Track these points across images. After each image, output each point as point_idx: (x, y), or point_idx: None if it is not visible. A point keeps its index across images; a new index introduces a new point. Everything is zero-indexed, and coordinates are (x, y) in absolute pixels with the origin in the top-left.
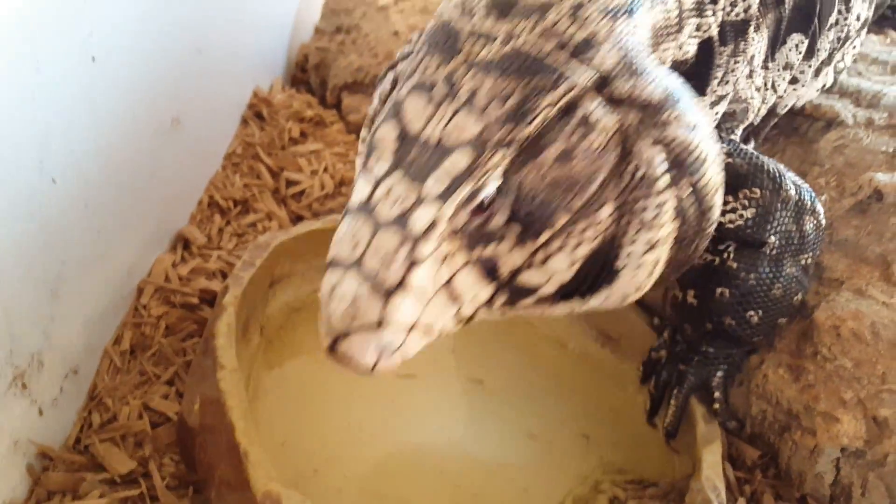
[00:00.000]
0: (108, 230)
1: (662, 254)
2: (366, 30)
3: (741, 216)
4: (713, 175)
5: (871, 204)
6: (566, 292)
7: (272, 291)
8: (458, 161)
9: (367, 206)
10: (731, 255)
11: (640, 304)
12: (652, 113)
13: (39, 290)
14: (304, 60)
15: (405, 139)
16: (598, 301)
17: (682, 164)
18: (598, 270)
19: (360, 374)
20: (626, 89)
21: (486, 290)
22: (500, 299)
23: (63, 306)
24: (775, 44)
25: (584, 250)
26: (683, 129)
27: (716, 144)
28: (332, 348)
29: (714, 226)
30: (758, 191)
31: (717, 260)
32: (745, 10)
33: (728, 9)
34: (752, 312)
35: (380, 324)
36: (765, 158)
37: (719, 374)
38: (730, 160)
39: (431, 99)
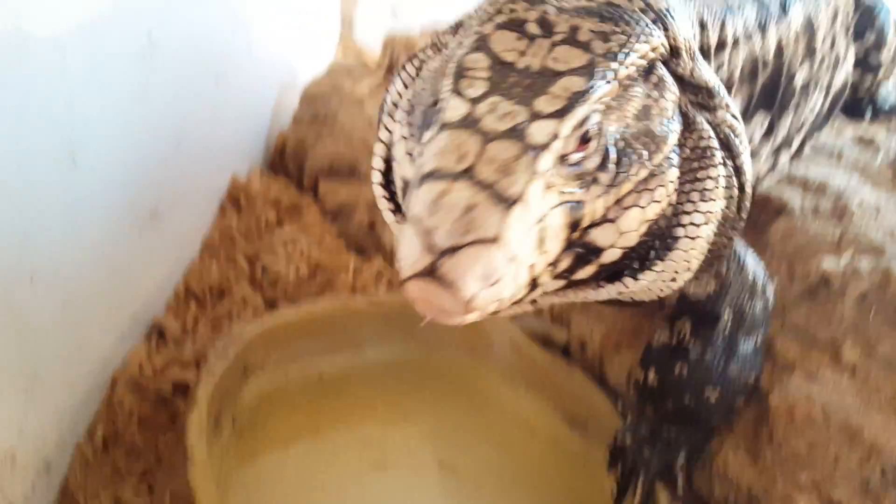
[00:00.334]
0: (84, 324)
1: (712, 231)
2: (342, 119)
3: (704, 289)
4: (748, 161)
5: (819, 289)
6: (616, 271)
7: (245, 382)
8: (571, 84)
9: (468, 121)
10: (688, 333)
11: (605, 386)
12: (706, 96)
13: (14, 387)
14: (282, 147)
15: (499, 67)
16: (649, 279)
17: (729, 146)
18: (648, 249)
19: (448, 311)
20: (688, 69)
21: (561, 242)
22: (565, 262)
23: (37, 402)
24: (744, 116)
25: (655, 210)
26: (730, 115)
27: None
28: (431, 271)
29: (746, 213)
30: (722, 268)
31: (675, 339)
32: (729, 76)
33: (716, 69)
34: (709, 390)
35: (496, 239)
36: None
37: (682, 458)
38: None
39: (525, 34)
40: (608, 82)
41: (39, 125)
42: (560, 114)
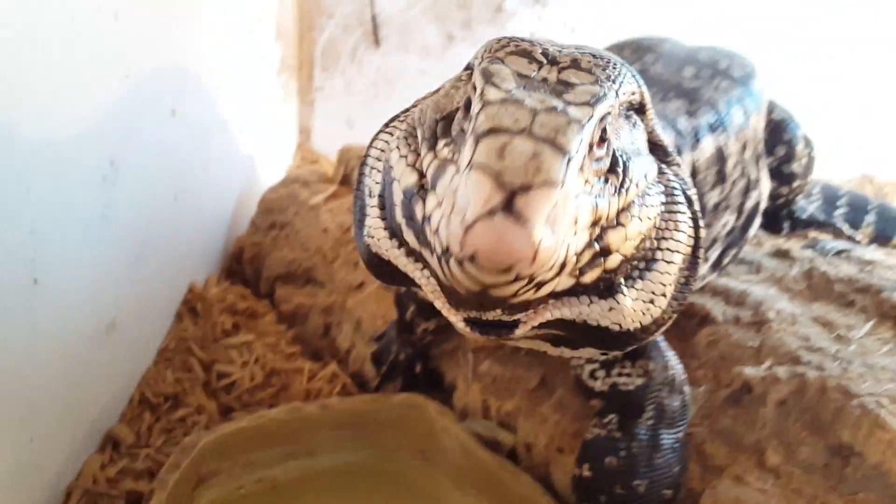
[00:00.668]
0: (40, 439)
1: (681, 260)
2: (298, 226)
3: (633, 382)
4: (700, 213)
5: (742, 396)
6: (608, 286)
7: (198, 492)
8: (588, 90)
9: (511, 98)
10: (616, 427)
11: (551, 489)
12: (663, 154)
13: None
14: (239, 253)
15: (520, 77)
16: (632, 297)
17: (686, 195)
18: (633, 268)
19: (517, 254)
20: (651, 125)
21: (586, 231)
22: (586, 255)
23: None
24: None
25: (648, 225)
26: (683, 172)
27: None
28: (504, 207)
29: (703, 259)
30: (650, 364)
31: (604, 432)
32: None
33: None
34: (638, 481)
35: (562, 184)
36: (659, 337)
37: None
38: None
39: (534, 59)
40: (616, 95)
41: (1, 253)
42: (588, 104)
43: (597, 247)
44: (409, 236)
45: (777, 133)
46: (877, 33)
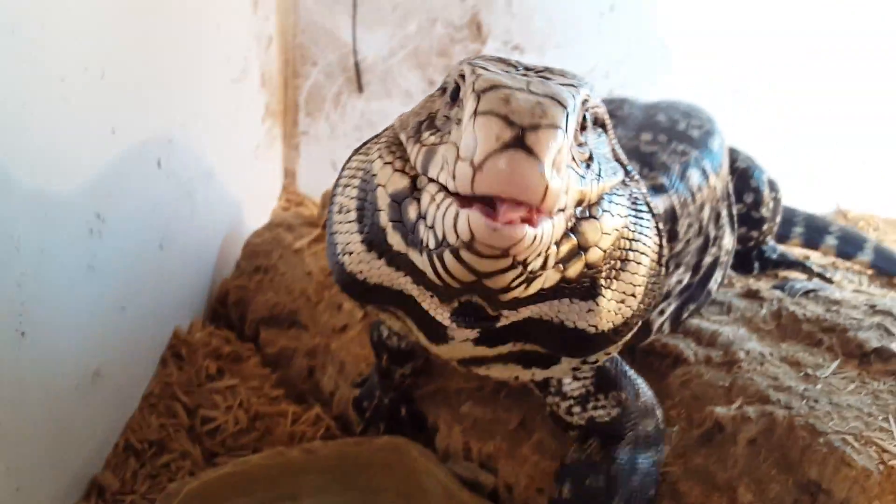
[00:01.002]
0: (25, 489)
1: (649, 264)
2: (282, 270)
3: (609, 414)
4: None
5: (714, 434)
6: (590, 288)
7: None
8: (569, 80)
9: (505, 72)
10: (596, 451)
11: None
12: (625, 170)
13: None
14: (224, 296)
15: (504, 65)
16: (608, 297)
17: (649, 207)
18: (610, 269)
19: (531, 187)
20: (612, 144)
21: (572, 208)
22: (565, 247)
23: None
24: None
25: (621, 223)
26: (644, 187)
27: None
28: (515, 143)
29: (665, 273)
30: (623, 394)
31: (585, 456)
32: None
33: None
34: (616, 501)
35: (565, 129)
36: (626, 366)
37: None
38: (603, 366)
39: (509, 65)
40: (589, 92)
41: None
42: (573, 86)
43: (573, 238)
44: (393, 239)
45: (743, 180)
46: (853, 69)
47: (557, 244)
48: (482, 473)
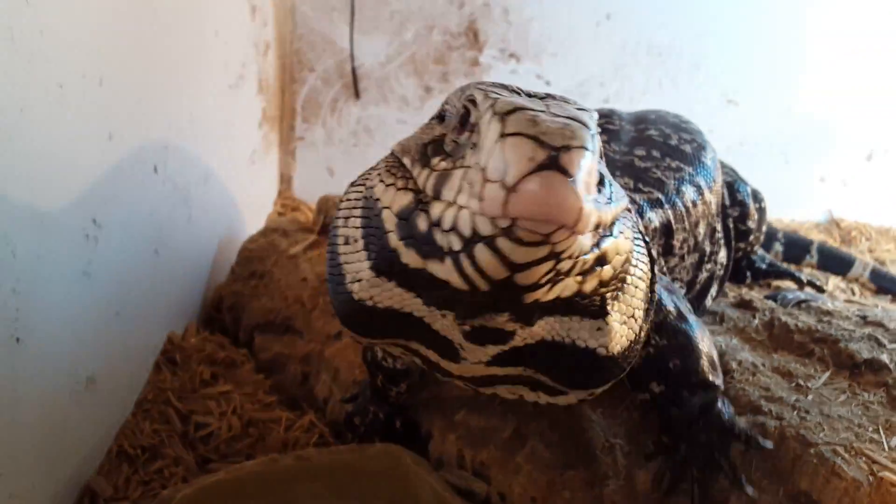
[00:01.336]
0: (18, 495)
1: (645, 286)
2: (277, 275)
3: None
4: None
5: None
6: (598, 306)
7: None
8: (578, 104)
9: (520, 97)
10: (659, 339)
11: None
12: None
13: None
14: (219, 301)
15: (519, 97)
16: (615, 311)
17: (644, 237)
18: (614, 289)
19: (566, 207)
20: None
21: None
22: (590, 256)
23: None
24: None
25: (630, 246)
26: (633, 215)
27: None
28: (549, 164)
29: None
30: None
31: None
32: None
33: None
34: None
35: (593, 151)
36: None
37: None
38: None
39: (512, 91)
40: (596, 118)
41: None
42: (585, 110)
43: (597, 251)
44: (408, 257)
45: (729, 194)
46: (854, 69)
47: (586, 254)
48: (475, 482)
